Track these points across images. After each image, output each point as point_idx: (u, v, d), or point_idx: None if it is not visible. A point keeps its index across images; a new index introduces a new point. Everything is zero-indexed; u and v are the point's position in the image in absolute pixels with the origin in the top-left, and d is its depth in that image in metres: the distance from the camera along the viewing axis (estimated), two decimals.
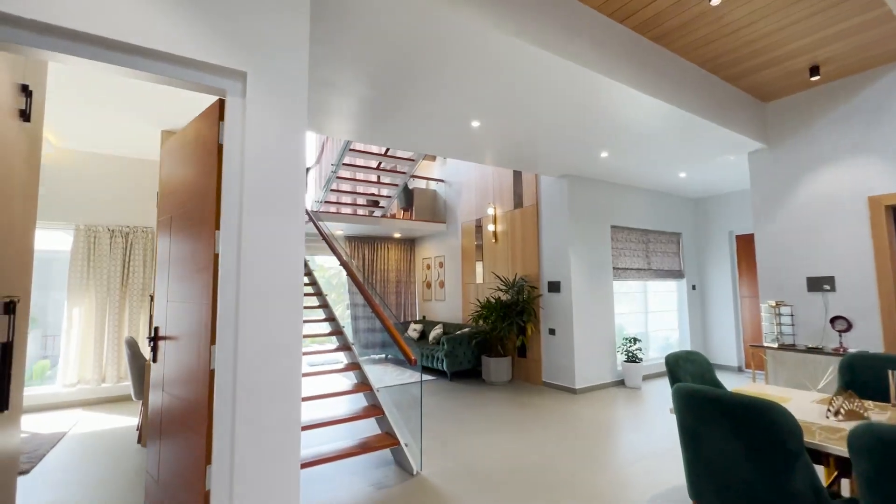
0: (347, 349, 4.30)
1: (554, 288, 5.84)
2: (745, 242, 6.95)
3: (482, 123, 3.96)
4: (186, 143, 2.05)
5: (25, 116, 2.39)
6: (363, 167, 7.26)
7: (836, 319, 3.98)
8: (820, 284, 4.19)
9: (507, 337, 6.16)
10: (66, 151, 5.32)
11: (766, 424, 1.60)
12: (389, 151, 7.39)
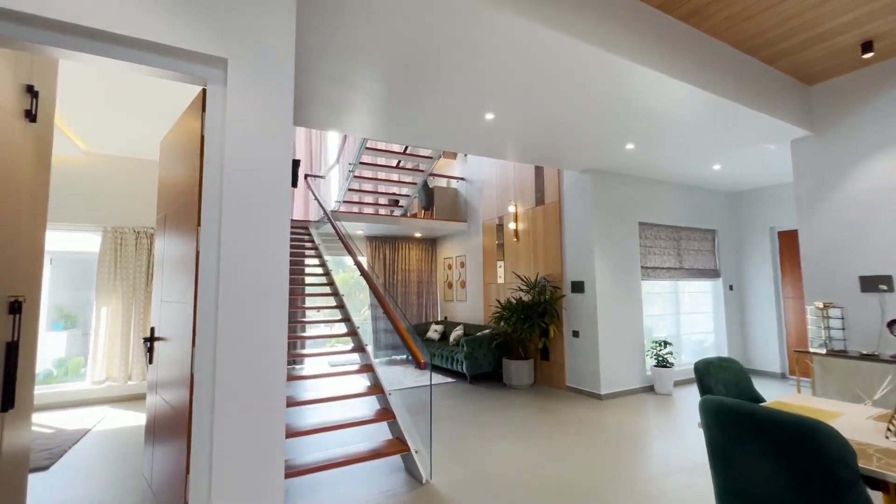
0: (362, 350, 4.21)
1: (577, 288, 5.58)
2: (787, 239, 6.45)
3: (496, 115, 3.78)
4: (177, 136, 1.99)
5: (31, 117, 2.40)
6: (382, 166, 7.20)
7: (894, 323, 3.57)
8: (875, 284, 3.78)
9: (528, 339, 5.94)
10: (94, 156, 5.49)
11: (812, 448, 1.36)
12: (409, 149, 7.29)
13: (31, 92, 2.40)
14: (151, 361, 2.17)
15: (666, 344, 5.63)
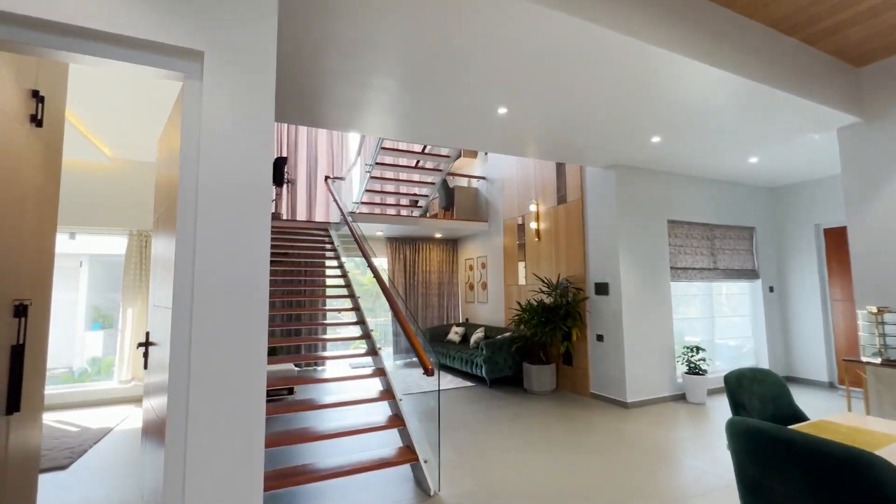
0: (375, 354, 4.12)
1: (602, 290, 5.31)
2: (835, 237, 5.94)
3: (510, 110, 3.60)
4: (166, 135, 1.93)
5: (37, 122, 2.41)
6: (400, 166, 7.12)
7: None
8: None
9: (549, 343, 5.70)
10: (120, 161, 5.65)
11: (864, 486, 1.14)
12: (427, 149, 7.18)
13: (36, 97, 2.42)
14: (146, 367, 2.13)
15: (698, 349, 5.27)
